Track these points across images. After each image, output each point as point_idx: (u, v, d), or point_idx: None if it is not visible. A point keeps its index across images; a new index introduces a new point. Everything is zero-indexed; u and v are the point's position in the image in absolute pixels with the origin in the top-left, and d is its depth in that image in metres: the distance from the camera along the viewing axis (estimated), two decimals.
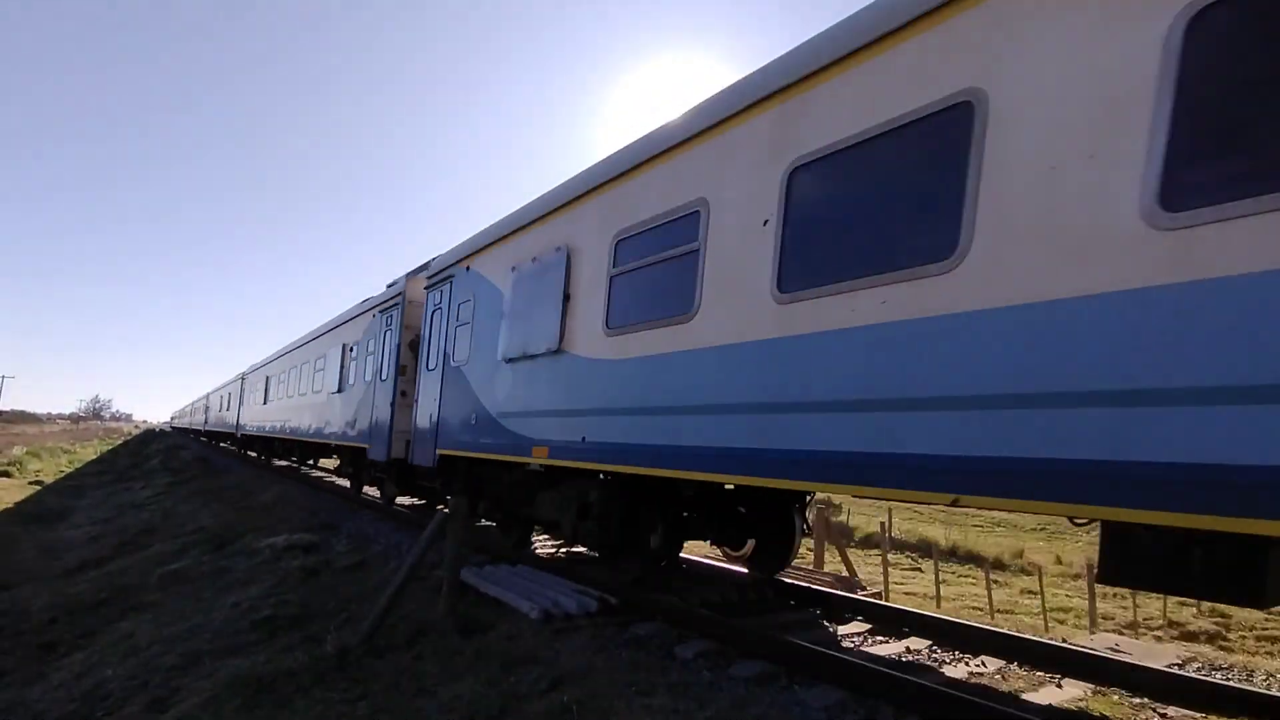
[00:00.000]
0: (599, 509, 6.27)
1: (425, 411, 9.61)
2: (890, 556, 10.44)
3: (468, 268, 8.79)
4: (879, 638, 5.48)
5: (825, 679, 4.18)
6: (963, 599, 11.79)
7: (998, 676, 4.61)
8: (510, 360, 7.28)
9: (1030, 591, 12.27)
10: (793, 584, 6.86)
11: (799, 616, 6.06)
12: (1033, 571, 13.61)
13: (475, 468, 8.48)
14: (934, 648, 5.22)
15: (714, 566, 7.92)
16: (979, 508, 3.37)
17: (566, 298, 6.46)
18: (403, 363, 10.84)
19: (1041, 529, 22.28)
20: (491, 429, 7.61)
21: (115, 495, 23.30)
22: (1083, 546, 18.86)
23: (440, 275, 9.62)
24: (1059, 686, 4.44)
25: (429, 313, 9.93)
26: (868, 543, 15.65)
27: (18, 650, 7.94)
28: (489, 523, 9.48)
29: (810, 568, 8.90)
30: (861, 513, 21.34)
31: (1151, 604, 11.85)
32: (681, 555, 7.59)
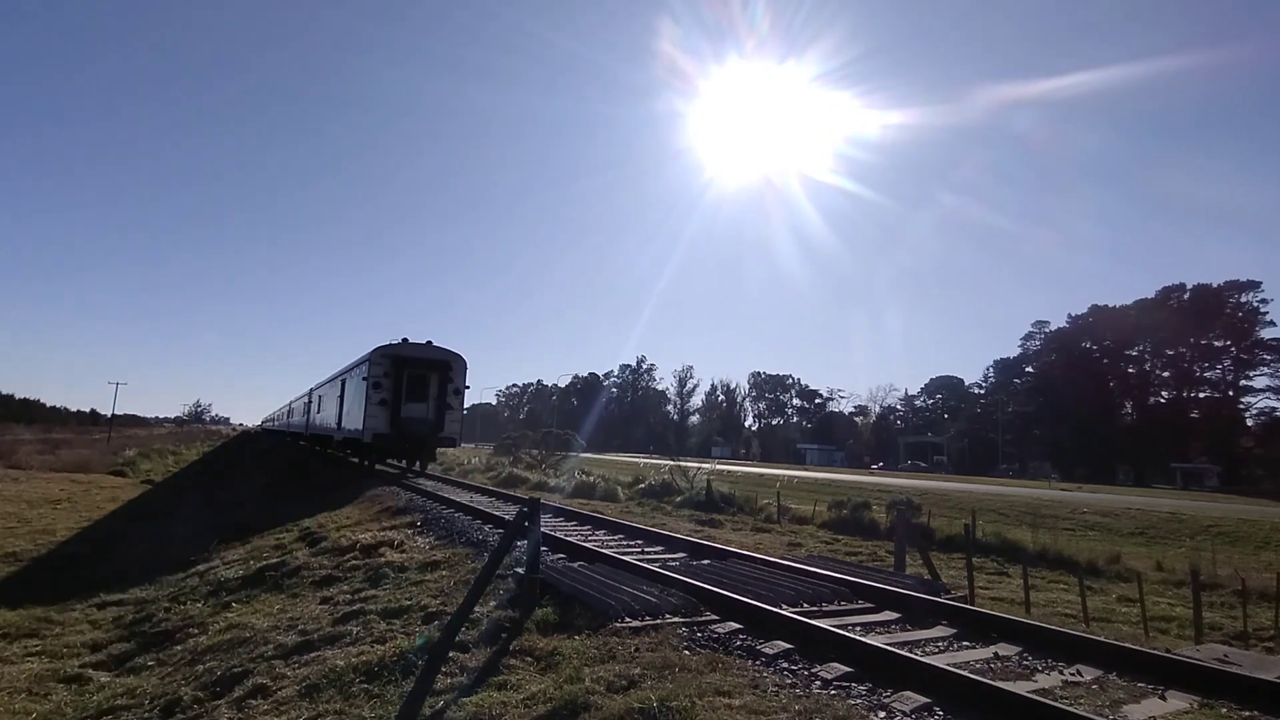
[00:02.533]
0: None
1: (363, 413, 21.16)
2: (974, 560, 10.07)
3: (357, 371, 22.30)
4: (965, 643, 5.30)
5: (910, 684, 4.07)
6: (1053, 605, 11.25)
7: (1095, 686, 4.39)
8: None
9: (1128, 599, 11.60)
10: (874, 586, 6.70)
11: (880, 619, 5.93)
12: (1131, 578, 12.86)
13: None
14: (1025, 655, 5.01)
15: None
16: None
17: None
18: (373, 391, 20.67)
19: (1140, 533, 21.04)
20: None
21: (215, 493, 24.75)
22: (1186, 552, 17.72)
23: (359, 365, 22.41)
24: (1162, 699, 4.19)
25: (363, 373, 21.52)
26: (950, 545, 15.12)
27: (134, 638, 8.53)
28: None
29: (890, 570, 8.67)
30: (943, 514, 20.66)
31: (1263, 613, 11.03)
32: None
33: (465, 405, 22.54)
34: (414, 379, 20.92)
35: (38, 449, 36.68)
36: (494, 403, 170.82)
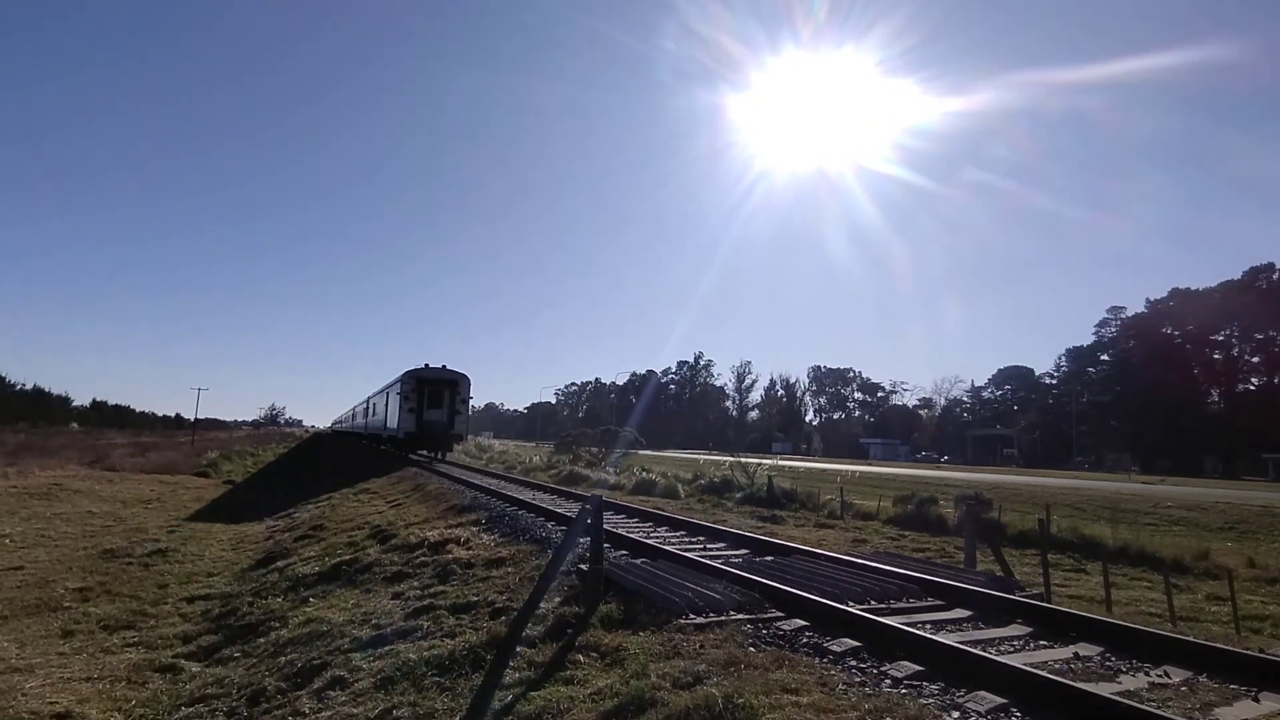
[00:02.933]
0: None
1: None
2: (1050, 556, 9.71)
3: (394, 388, 30.65)
4: (1043, 642, 5.12)
5: (985, 684, 3.95)
6: (1136, 604, 10.76)
7: (1183, 688, 4.18)
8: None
9: (1218, 597, 11.00)
10: (943, 583, 6.54)
11: (951, 617, 5.78)
12: (1220, 575, 12.17)
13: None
14: (1107, 655, 4.80)
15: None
16: None
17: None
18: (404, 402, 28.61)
19: (1230, 528, 19.89)
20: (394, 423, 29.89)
21: (291, 493, 25.78)
22: None
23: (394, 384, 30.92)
24: (1255, 700, 3.97)
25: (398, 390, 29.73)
26: (1023, 541, 14.59)
27: (221, 631, 8.97)
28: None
29: (960, 566, 8.43)
30: (1014, 509, 19.98)
31: None
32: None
33: (471, 410, 32.72)
34: (432, 393, 29.32)
35: (129, 452, 38.92)
36: (554, 401, 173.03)
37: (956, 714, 3.61)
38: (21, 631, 9.15)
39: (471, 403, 31.67)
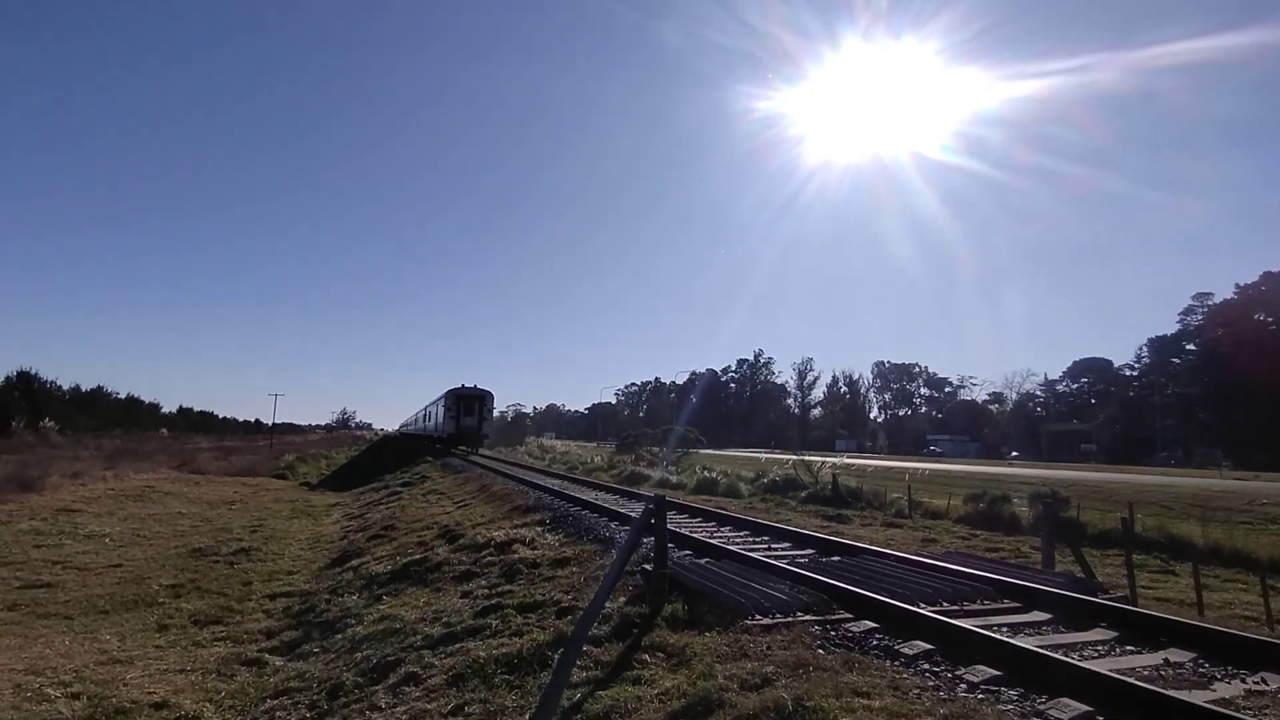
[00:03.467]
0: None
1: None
2: (1134, 557, 9.26)
3: (440, 401, 46.84)
4: (1129, 647, 4.89)
5: (1067, 690, 3.79)
6: (1230, 608, 10.15)
7: None
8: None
9: None
10: (1019, 584, 6.31)
11: (1029, 619, 5.58)
12: None
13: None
14: (1200, 661, 4.56)
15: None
16: None
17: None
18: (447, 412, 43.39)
19: None
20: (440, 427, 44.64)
21: (363, 494, 26.67)
22: None
23: (440, 399, 46.58)
24: None
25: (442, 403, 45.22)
26: (1104, 541, 13.93)
27: (301, 627, 9.35)
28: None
29: (1037, 567, 8.12)
30: (1093, 507, 19.12)
31: None
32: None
33: (495, 416, 48.97)
34: (466, 405, 42.75)
35: (213, 456, 40.98)
36: (614, 402, 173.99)
37: None
38: (122, 625, 9.74)
39: (497, 411, 49.22)
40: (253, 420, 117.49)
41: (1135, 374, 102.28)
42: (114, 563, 13.46)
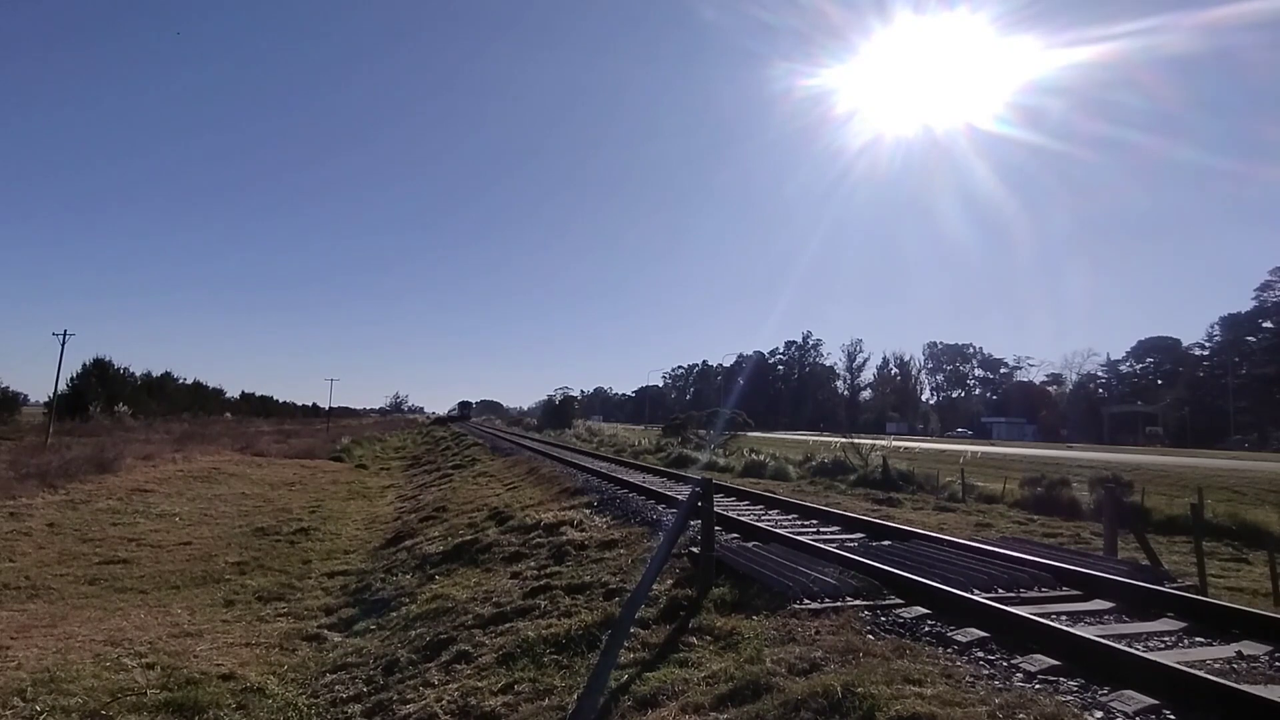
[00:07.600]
0: None
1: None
2: (1204, 545, 8.86)
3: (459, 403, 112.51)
4: (1198, 639, 4.68)
5: (1132, 682, 3.65)
6: None
7: None
8: None
9: None
10: (1080, 571, 6.10)
11: (1090, 608, 5.39)
12: None
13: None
14: (1277, 655, 4.33)
15: None
16: None
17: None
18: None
19: None
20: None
21: (415, 476, 27.32)
22: None
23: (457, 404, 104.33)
24: None
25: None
26: (1171, 527, 13.38)
27: (358, 605, 9.64)
28: None
29: (1099, 554, 7.84)
30: (1159, 492, 18.39)
31: None
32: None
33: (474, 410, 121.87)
34: (464, 405, 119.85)
35: (274, 439, 42.49)
36: (661, 385, 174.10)
37: (1099, 714, 3.35)
38: (192, 600, 10.19)
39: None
40: (310, 404, 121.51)
41: (1205, 353, 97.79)
42: (184, 540, 14.08)
